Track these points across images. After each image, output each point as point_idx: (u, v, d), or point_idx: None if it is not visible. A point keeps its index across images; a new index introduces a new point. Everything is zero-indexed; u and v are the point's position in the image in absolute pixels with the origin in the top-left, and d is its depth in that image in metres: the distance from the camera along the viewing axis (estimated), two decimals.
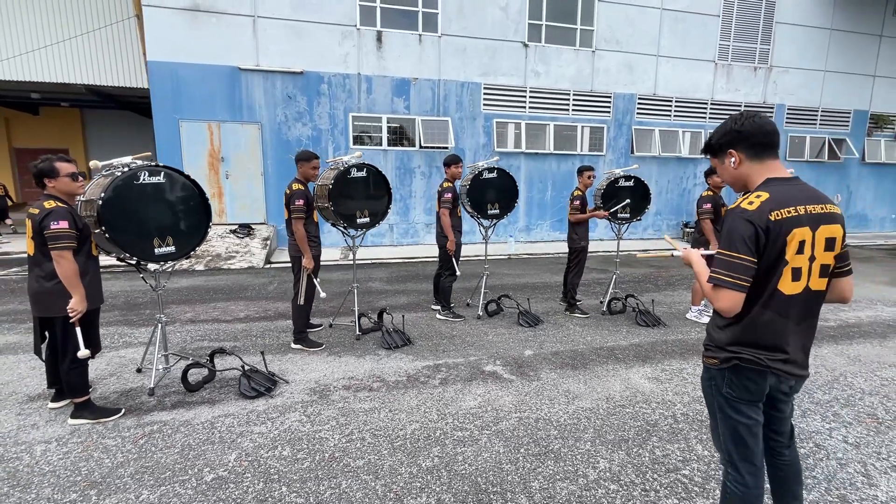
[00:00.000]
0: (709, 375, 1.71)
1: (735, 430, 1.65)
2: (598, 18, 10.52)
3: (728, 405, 1.65)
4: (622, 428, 2.89)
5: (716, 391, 1.68)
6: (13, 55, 9.91)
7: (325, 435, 2.79)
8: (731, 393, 1.63)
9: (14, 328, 4.69)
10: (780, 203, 1.49)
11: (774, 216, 1.48)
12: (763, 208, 1.49)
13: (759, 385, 1.60)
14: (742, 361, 1.59)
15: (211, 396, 3.27)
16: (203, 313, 5.28)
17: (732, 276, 1.49)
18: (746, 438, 1.65)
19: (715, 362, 1.66)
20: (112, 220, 2.92)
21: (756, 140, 1.58)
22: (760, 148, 1.59)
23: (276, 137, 9.23)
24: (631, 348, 4.27)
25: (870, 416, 3.09)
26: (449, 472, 2.45)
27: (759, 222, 1.48)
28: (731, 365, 1.61)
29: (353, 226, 4.35)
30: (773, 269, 1.51)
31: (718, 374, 1.66)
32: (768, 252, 1.50)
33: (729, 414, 1.66)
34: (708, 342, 1.70)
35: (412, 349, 4.20)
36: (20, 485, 2.34)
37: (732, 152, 1.63)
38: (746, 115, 1.60)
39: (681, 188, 11.85)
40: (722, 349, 1.63)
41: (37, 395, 3.29)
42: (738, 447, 1.67)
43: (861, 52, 12.53)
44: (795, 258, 1.50)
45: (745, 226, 1.49)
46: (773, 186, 1.54)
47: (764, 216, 1.48)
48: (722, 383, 1.65)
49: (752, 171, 1.62)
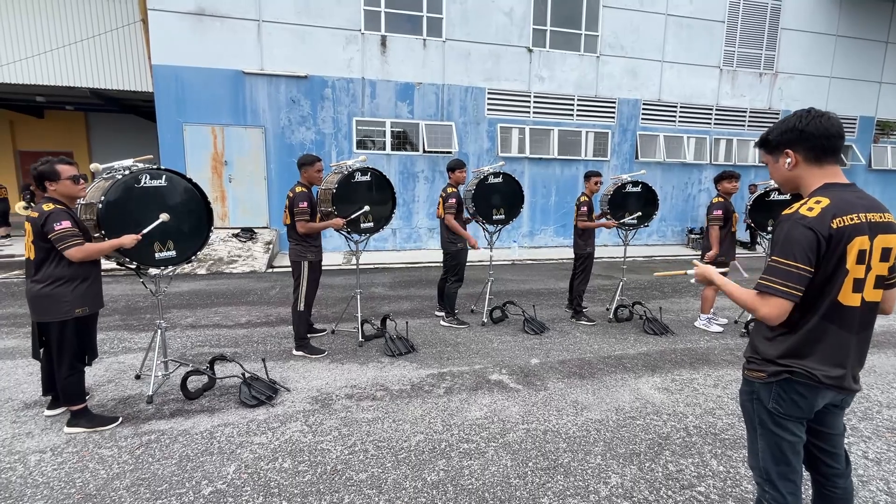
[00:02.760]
0: (751, 389, 1.61)
1: (779, 448, 1.56)
2: (603, 24, 10.49)
3: (772, 421, 1.55)
4: (633, 441, 2.80)
5: (759, 406, 1.58)
6: (19, 59, 9.94)
7: (326, 446, 2.71)
8: (777, 409, 1.54)
9: (13, 332, 4.63)
10: (841, 210, 1.41)
11: (836, 223, 1.39)
12: (824, 215, 1.40)
13: (810, 401, 1.51)
14: (794, 375, 1.49)
15: (211, 405, 3.20)
16: (204, 318, 5.21)
17: (785, 284, 1.41)
18: (789, 456, 1.55)
19: (762, 376, 1.55)
20: (112, 224, 2.87)
21: (818, 143, 1.48)
22: (821, 152, 1.49)
23: (279, 141, 9.20)
24: (639, 357, 4.18)
25: (889, 430, 2.99)
26: (455, 486, 2.37)
27: (821, 230, 1.39)
28: (780, 379, 1.51)
29: (356, 230, 4.29)
30: (833, 278, 1.43)
31: (764, 388, 1.56)
32: (828, 261, 1.41)
33: (773, 430, 1.56)
34: (752, 354, 1.60)
35: (416, 357, 4.12)
36: (12, 497, 2.26)
37: (790, 152, 1.53)
38: (813, 115, 1.48)
39: (685, 194, 11.76)
40: (772, 362, 1.53)
41: (33, 401, 3.22)
42: (779, 465, 1.57)
43: (867, 58, 12.47)
44: (856, 268, 1.42)
45: (805, 233, 1.40)
46: (834, 192, 1.45)
47: (825, 223, 1.39)
48: (768, 398, 1.55)
49: (807, 175, 1.52)
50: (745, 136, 11.85)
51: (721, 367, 4.00)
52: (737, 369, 3.93)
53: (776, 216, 4.82)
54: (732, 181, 4.79)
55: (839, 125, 1.48)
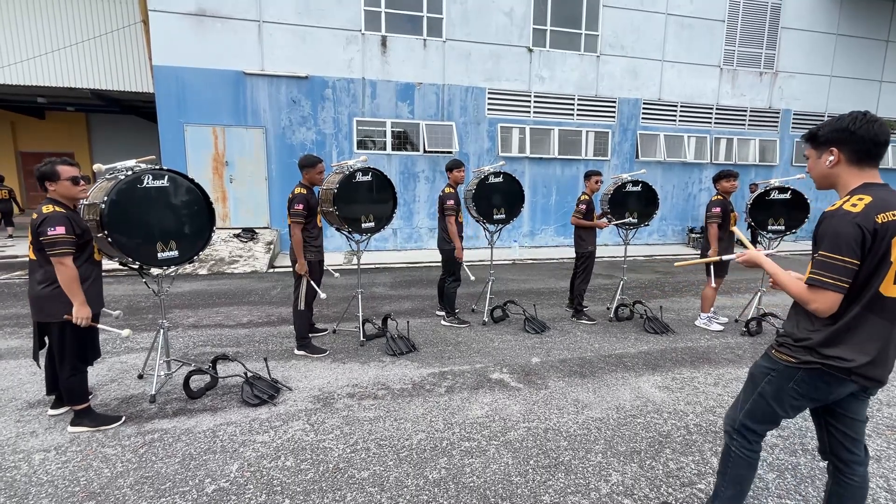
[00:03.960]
0: (772, 367, 1.72)
1: (765, 414, 1.75)
2: (603, 23, 10.50)
3: (776, 396, 1.70)
4: (634, 439, 2.81)
5: (771, 382, 1.71)
6: (20, 60, 9.96)
7: (329, 445, 2.73)
8: (797, 390, 1.66)
9: (16, 332, 4.65)
10: (884, 206, 1.49)
11: (881, 218, 1.47)
12: (869, 211, 1.48)
13: (830, 390, 1.61)
14: (827, 367, 1.58)
15: (213, 404, 3.21)
16: (206, 318, 5.23)
17: (834, 277, 1.49)
18: (767, 423, 1.77)
19: (793, 361, 1.65)
20: (115, 225, 2.88)
21: (864, 147, 1.55)
22: (865, 155, 1.57)
23: (280, 142, 9.22)
24: (640, 356, 4.19)
25: (889, 427, 3.00)
26: (457, 484, 2.38)
27: (866, 224, 1.47)
28: (810, 367, 1.61)
29: (357, 230, 4.31)
30: (877, 271, 1.51)
31: (787, 370, 1.67)
32: (873, 254, 1.49)
33: (770, 403, 1.72)
34: (787, 339, 1.69)
35: (417, 356, 4.13)
36: (17, 495, 2.28)
37: (834, 150, 1.60)
38: (867, 119, 1.55)
39: (686, 193, 11.77)
40: (810, 350, 1.61)
41: (36, 401, 3.24)
42: (757, 423, 1.77)
43: (867, 57, 12.46)
44: None
45: (852, 228, 1.48)
46: (874, 190, 1.54)
47: (870, 218, 1.47)
48: (787, 380, 1.67)
49: (846, 175, 1.60)
50: (746, 136, 11.86)
51: (721, 365, 4.01)
52: (737, 367, 3.94)
53: (776, 215, 4.84)
54: (731, 180, 4.81)
55: (888, 133, 1.55)
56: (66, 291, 2.65)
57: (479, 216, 4.97)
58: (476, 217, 5.00)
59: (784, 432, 2.91)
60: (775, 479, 2.45)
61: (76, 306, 2.67)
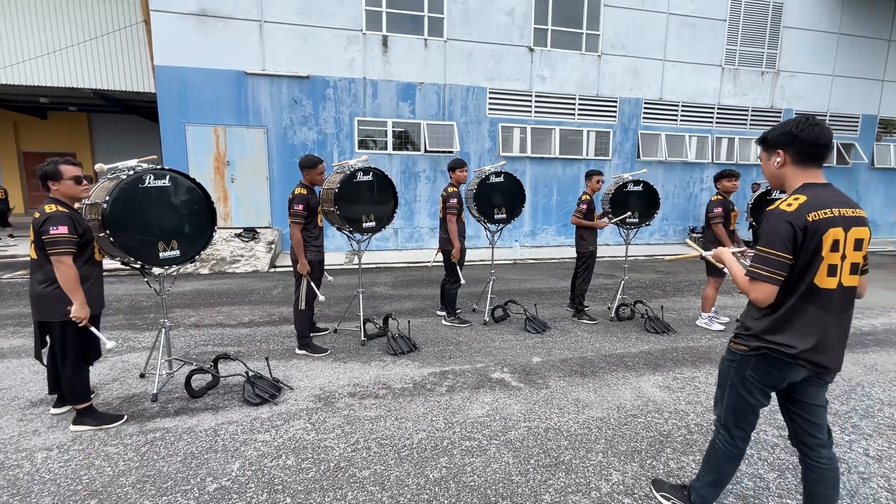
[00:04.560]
0: (732, 358, 1.87)
1: (740, 406, 1.86)
2: (605, 23, 10.49)
3: (743, 386, 1.83)
4: (634, 439, 2.81)
5: (734, 372, 1.86)
6: (22, 60, 9.99)
7: (330, 444, 2.74)
8: (752, 376, 1.80)
9: (18, 332, 4.66)
10: (816, 206, 1.62)
11: (811, 217, 1.60)
12: (801, 210, 1.62)
13: (780, 374, 1.75)
14: (772, 352, 1.72)
15: (214, 403, 3.22)
16: (207, 317, 5.24)
17: (769, 270, 1.63)
18: (748, 415, 1.86)
19: (744, 349, 1.81)
20: (117, 224, 2.89)
21: (806, 149, 1.69)
22: (807, 157, 1.70)
23: (281, 142, 9.23)
24: (641, 356, 4.19)
25: (890, 427, 3.00)
26: (457, 483, 2.39)
27: (798, 223, 1.61)
28: (759, 353, 1.76)
29: (358, 230, 4.31)
30: (811, 264, 1.63)
31: (743, 358, 1.82)
32: (805, 249, 1.62)
33: (740, 392, 1.85)
34: (740, 330, 1.85)
35: (418, 355, 4.14)
36: (20, 493, 2.29)
37: (780, 152, 1.74)
38: (808, 123, 1.68)
39: (687, 193, 11.75)
40: (755, 338, 1.76)
41: (39, 400, 3.25)
42: (736, 418, 1.88)
43: (869, 56, 12.43)
44: (830, 255, 1.62)
45: (784, 226, 1.62)
46: (811, 191, 1.67)
47: (802, 217, 1.61)
48: (745, 367, 1.82)
49: (791, 174, 1.74)
50: (747, 135, 11.83)
51: None
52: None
53: None
54: (732, 180, 4.80)
55: (829, 136, 1.68)
56: (66, 291, 2.65)
57: (480, 216, 4.97)
58: (477, 217, 5.00)
59: (785, 432, 2.90)
60: (776, 478, 2.45)
61: (76, 306, 2.68)
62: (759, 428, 2.94)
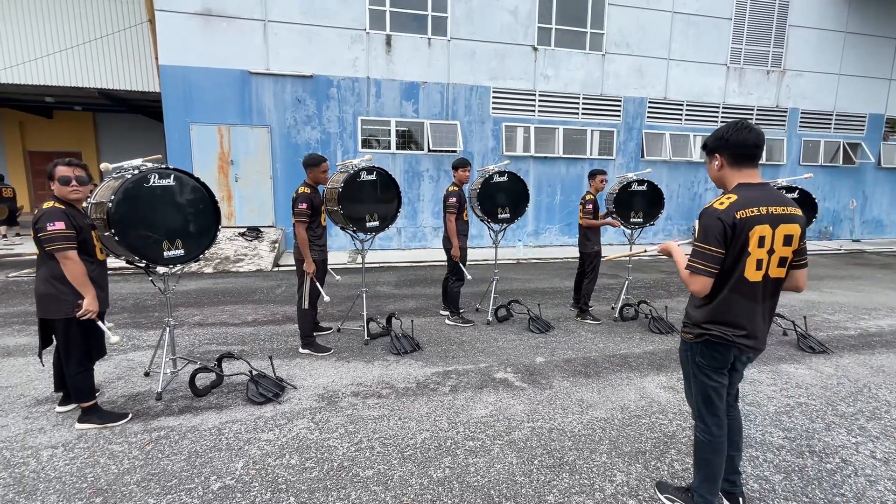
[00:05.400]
0: (685, 347, 2.05)
1: (704, 391, 2.00)
2: (609, 22, 10.45)
3: (700, 371, 1.99)
4: (638, 440, 2.80)
5: (690, 360, 2.02)
6: (28, 59, 10.05)
7: (333, 443, 2.74)
8: (702, 361, 1.97)
9: (24, 330, 4.69)
10: (745, 204, 1.76)
11: (739, 215, 1.75)
12: (731, 208, 1.76)
13: (725, 356, 1.92)
14: (712, 337, 1.90)
15: (218, 402, 3.23)
16: (211, 316, 5.26)
17: (704, 264, 1.79)
18: (713, 398, 1.99)
19: (690, 337, 1.99)
20: (122, 223, 2.90)
21: (738, 151, 1.83)
22: (741, 158, 1.85)
23: (285, 141, 9.25)
24: (645, 356, 4.18)
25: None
26: (461, 483, 2.38)
27: (727, 220, 1.75)
28: (703, 339, 1.93)
29: (362, 229, 4.31)
30: (739, 259, 1.79)
31: (693, 346, 1.99)
32: (734, 245, 1.77)
33: (700, 379, 2.00)
34: (686, 320, 2.03)
35: (421, 355, 4.14)
36: (25, 491, 2.30)
37: (717, 156, 1.90)
38: (738, 127, 1.82)
39: (692, 192, 11.70)
40: (697, 326, 1.94)
41: (45, 398, 3.27)
42: (706, 405, 2.01)
43: (876, 55, 12.32)
44: (757, 251, 1.78)
45: (716, 223, 1.77)
46: (742, 190, 1.82)
47: (731, 215, 1.75)
48: (695, 354, 1.98)
49: (729, 175, 1.89)
50: None
51: None
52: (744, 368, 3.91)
53: None
54: None
55: (757, 137, 1.81)
56: (76, 286, 2.66)
57: (484, 215, 4.96)
58: (480, 216, 5.00)
59: (791, 434, 2.89)
60: (781, 480, 2.43)
61: (87, 300, 2.69)
62: (765, 430, 2.92)
